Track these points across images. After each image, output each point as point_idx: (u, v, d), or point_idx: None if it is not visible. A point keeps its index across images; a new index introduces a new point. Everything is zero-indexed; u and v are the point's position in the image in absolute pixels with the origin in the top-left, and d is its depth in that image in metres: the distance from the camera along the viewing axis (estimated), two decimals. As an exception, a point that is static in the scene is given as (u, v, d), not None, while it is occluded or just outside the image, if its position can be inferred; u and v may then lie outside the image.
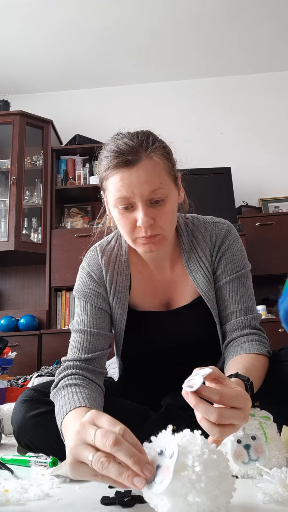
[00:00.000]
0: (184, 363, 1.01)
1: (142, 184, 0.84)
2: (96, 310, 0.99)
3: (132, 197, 0.85)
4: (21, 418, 0.90)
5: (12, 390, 1.95)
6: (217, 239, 1.01)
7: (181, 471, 0.51)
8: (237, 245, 1.02)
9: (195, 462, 0.51)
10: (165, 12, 3.05)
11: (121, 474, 0.52)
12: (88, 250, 1.07)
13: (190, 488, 0.50)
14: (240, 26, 3.20)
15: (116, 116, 3.59)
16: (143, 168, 0.84)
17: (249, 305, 0.98)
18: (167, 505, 0.51)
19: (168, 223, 0.90)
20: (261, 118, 3.64)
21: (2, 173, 3.33)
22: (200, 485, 0.50)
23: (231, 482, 0.54)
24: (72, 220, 3.40)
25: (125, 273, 1.02)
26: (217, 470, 0.52)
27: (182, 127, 3.60)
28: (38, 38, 3.23)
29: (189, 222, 1.06)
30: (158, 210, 0.87)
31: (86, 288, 1.01)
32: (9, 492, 0.66)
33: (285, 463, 0.73)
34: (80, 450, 0.56)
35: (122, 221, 0.89)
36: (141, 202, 0.85)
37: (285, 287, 0.63)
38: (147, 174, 0.84)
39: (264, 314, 2.81)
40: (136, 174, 0.84)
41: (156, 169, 0.86)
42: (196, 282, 0.99)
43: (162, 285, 1.03)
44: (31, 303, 3.36)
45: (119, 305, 1.01)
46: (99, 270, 1.02)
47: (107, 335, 1.00)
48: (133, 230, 0.89)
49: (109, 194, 0.90)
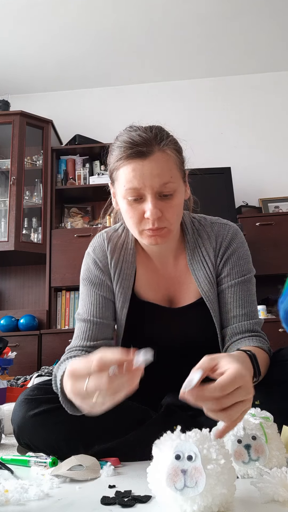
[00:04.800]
0: (185, 363, 1.01)
1: (153, 176, 0.85)
2: (101, 299, 1.00)
3: (142, 188, 0.86)
4: (21, 417, 0.90)
5: (12, 390, 1.95)
6: (223, 241, 1.01)
7: (207, 464, 0.53)
8: (244, 249, 1.02)
9: (218, 455, 0.54)
10: (165, 12, 3.05)
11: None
12: (95, 236, 1.08)
13: (217, 480, 0.52)
14: (240, 26, 3.20)
15: (116, 116, 3.59)
16: (155, 160, 0.85)
17: (251, 310, 0.98)
18: (198, 502, 0.52)
19: (175, 217, 0.91)
20: (261, 118, 3.64)
21: (2, 173, 3.33)
22: (224, 477, 0.53)
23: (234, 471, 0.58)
24: (72, 220, 3.40)
25: (130, 260, 1.03)
26: (230, 461, 0.56)
27: (182, 127, 3.56)
28: (38, 38, 3.23)
29: (196, 221, 1.06)
30: (166, 204, 0.88)
31: (91, 275, 1.02)
32: (9, 492, 0.66)
33: (285, 463, 0.73)
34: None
35: (130, 212, 0.90)
36: (151, 194, 0.86)
37: (285, 287, 0.63)
38: (159, 166, 0.85)
39: (264, 314, 2.81)
40: (148, 166, 0.85)
41: (168, 163, 0.87)
42: (198, 281, 0.99)
43: (166, 280, 1.03)
44: (31, 303, 3.36)
45: (122, 292, 1.01)
46: (104, 256, 1.02)
47: (111, 325, 1.01)
48: (140, 222, 0.89)
49: (119, 184, 0.90)
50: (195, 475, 0.52)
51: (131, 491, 0.65)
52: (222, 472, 0.53)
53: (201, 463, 0.52)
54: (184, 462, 0.54)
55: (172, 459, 0.54)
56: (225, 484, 0.53)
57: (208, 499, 0.52)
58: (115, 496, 0.64)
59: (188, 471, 0.53)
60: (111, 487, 0.70)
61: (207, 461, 0.53)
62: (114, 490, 0.67)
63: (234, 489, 0.56)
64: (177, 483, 0.53)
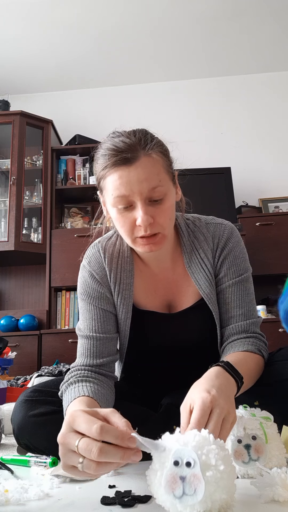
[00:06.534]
0: (186, 365, 1.01)
1: (141, 181, 0.82)
2: (101, 313, 0.97)
3: (131, 195, 0.83)
4: (21, 418, 0.90)
5: (12, 390, 1.95)
6: (220, 241, 1.00)
7: (205, 471, 0.52)
8: (240, 247, 1.01)
9: (217, 461, 0.52)
10: (165, 12, 3.05)
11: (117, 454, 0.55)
12: (89, 248, 1.04)
13: (216, 486, 0.51)
14: (240, 26, 3.20)
15: (116, 116, 3.59)
16: (141, 166, 0.83)
17: (249, 309, 0.98)
18: (198, 508, 0.51)
19: (167, 221, 0.88)
20: (261, 118, 3.64)
21: (2, 173, 3.33)
22: (223, 482, 0.52)
23: (235, 472, 0.57)
24: (72, 220, 3.40)
25: (128, 269, 1.00)
26: (230, 465, 0.55)
27: (182, 127, 3.60)
28: (38, 38, 3.23)
29: (190, 223, 1.04)
30: (157, 209, 0.86)
31: (89, 288, 0.99)
32: (9, 492, 0.66)
33: (285, 463, 0.73)
34: (67, 451, 0.59)
35: (121, 221, 0.87)
36: (141, 201, 0.83)
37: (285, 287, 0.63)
38: (146, 171, 0.83)
39: (264, 314, 2.81)
40: (135, 172, 0.82)
41: (154, 167, 0.84)
42: (198, 284, 0.98)
43: (164, 285, 1.02)
44: (31, 303, 3.35)
45: (123, 303, 0.98)
46: (101, 269, 0.99)
47: (114, 338, 0.99)
48: (133, 230, 0.87)
49: (107, 193, 0.88)
50: (194, 483, 0.51)
51: (131, 491, 0.65)
52: (222, 477, 0.52)
53: (200, 470, 0.51)
54: (182, 469, 0.53)
55: (171, 465, 0.53)
56: (224, 489, 0.52)
57: (207, 504, 0.51)
58: (115, 496, 0.64)
59: (187, 478, 0.52)
60: (111, 487, 0.70)
61: (206, 467, 0.52)
62: (114, 490, 0.67)
63: (234, 490, 0.56)
64: (176, 490, 0.52)
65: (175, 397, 0.92)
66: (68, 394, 0.82)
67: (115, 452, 0.55)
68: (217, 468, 0.52)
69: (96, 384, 0.85)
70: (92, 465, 0.55)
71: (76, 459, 0.57)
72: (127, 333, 1.00)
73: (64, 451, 0.59)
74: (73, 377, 0.87)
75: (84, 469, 0.56)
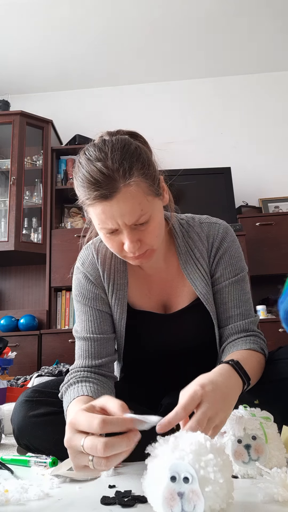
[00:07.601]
0: (184, 365, 1.01)
1: (123, 215, 0.80)
2: (97, 314, 0.97)
3: (116, 225, 0.82)
4: (21, 418, 0.90)
5: (12, 390, 1.95)
6: (215, 241, 0.99)
7: (205, 486, 0.50)
8: (235, 247, 1.01)
9: (216, 474, 0.50)
10: (165, 12, 3.05)
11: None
12: (82, 249, 1.04)
13: (215, 498, 0.50)
14: (240, 26, 3.20)
15: (116, 116, 3.59)
16: (122, 199, 0.79)
17: (246, 308, 0.98)
18: None
19: (155, 239, 0.87)
20: (261, 118, 3.64)
21: (2, 173, 3.33)
22: (223, 492, 0.51)
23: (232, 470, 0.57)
24: (72, 220, 3.40)
25: (122, 269, 1.00)
26: (228, 471, 0.54)
27: (182, 127, 3.60)
28: (38, 38, 3.23)
29: (184, 223, 1.03)
30: (144, 231, 0.84)
31: (83, 290, 0.99)
32: (9, 492, 0.66)
33: (285, 463, 0.73)
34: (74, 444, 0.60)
35: (109, 243, 0.87)
36: (126, 229, 0.82)
37: (285, 287, 0.63)
38: (127, 205, 0.79)
39: (264, 314, 2.81)
40: (116, 206, 0.79)
41: (136, 197, 0.80)
42: (194, 284, 0.98)
43: (158, 285, 1.02)
44: (31, 303, 3.36)
45: (118, 304, 0.99)
46: (95, 269, 0.99)
47: (112, 338, 0.99)
48: (121, 250, 0.86)
49: (92, 219, 0.86)
50: (193, 499, 0.50)
51: (131, 491, 0.65)
52: (221, 488, 0.50)
53: (199, 485, 0.49)
54: (180, 485, 0.51)
55: (168, 482, 0.51)
56: (224, 499, 0.51)
57: None
58: (115, 496, 0.64)
59: (185, 495, 0.50)
60: (111, 487, 0.70)
61: (205, 482, 0.50)
62: (114, 490, 0.67)
63: (233, 489, 0.55)
64: (174, 507, 0.50)
65: (176, 397, 0.92)
66: (68, 395, 0.82)
67: (120, 442, 0.56)
68: (216, 481, 0.50)
69: (96, 384, 0.85)
70: (102, 461, 0.57)
71: (85, 459, 0.59)
72: (123, 333, 1.00)
73: (73, 454, 0.60)
74: (72, 378, 0.87)
75: (95, 466, 0.58)
